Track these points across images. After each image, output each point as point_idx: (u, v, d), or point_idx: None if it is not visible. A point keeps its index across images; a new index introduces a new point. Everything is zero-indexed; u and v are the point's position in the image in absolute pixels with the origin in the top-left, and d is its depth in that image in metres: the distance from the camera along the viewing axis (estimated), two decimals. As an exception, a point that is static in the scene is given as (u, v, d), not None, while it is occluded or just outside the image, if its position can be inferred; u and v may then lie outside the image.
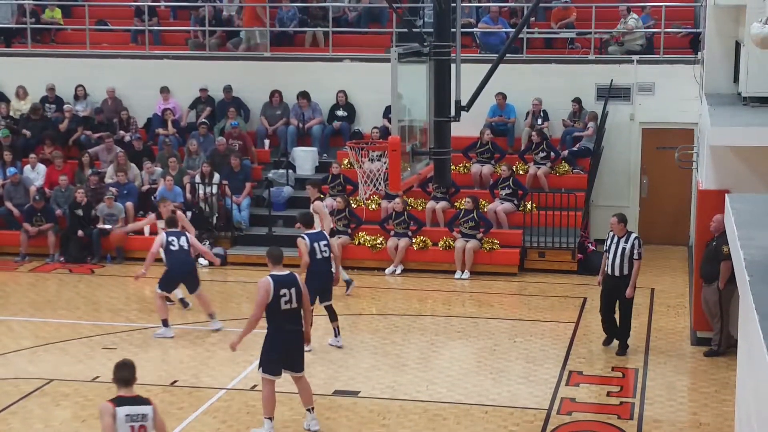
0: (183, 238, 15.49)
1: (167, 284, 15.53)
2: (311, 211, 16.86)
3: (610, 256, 14.26)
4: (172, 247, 15.37)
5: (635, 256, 14.17)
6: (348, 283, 17.56)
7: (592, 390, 13.23)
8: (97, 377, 13.51)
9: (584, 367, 14.05)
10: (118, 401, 8.75)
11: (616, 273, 14.24)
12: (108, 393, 12.84)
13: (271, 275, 11.25)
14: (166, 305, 15.54)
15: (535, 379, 13.56)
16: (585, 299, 17.08)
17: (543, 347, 14.89)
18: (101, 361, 14.18)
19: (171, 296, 16.12)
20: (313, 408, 11.78)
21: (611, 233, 14.43)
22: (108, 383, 13.14)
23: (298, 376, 11.56)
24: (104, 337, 15.06)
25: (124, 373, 8.84)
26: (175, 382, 13.36)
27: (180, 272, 15.53)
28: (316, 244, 14.04)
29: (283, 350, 11.33)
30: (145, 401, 8.84)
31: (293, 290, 11.23)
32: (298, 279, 11.42)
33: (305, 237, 14.09)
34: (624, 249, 14.16)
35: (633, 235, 14.31)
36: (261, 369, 11.50)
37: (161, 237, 15.56)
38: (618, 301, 14.44)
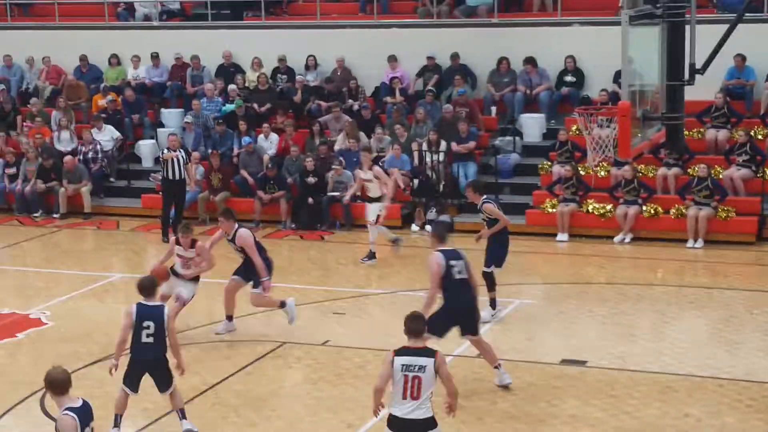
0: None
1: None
2: (371, 177, 17.46)
3: None
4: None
5: None
6: (395, 241, 17.79)
7: (837, 366, 12.55)
8: (327, 341, 13.79)
9: (828, 341, 13.35)
10: (400, 351, 8.96)
11: None
12: (337, 356, 13.23)
13: (439, 250, 11.78)
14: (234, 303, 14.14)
15: (774, 352, 12.99)
16: (829, 271, 16.22)
17: (783, 320, 14.24)
18: (331, 326, 14.48)
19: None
20: (500, 365, 12.01)
21: None
22: (338, 347, 13.54)
23: (476, 339, 11.97)
24: (334, 302, 15.37)
25: (414, 324, 9.03)
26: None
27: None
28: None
29: (460, 316, 11.75)
30: (428, 353, 8.91)
31: (461, 262, 11.79)
32: (463, 253, 11.92)
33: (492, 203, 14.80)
34: None
35: None
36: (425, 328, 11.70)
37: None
38: None
